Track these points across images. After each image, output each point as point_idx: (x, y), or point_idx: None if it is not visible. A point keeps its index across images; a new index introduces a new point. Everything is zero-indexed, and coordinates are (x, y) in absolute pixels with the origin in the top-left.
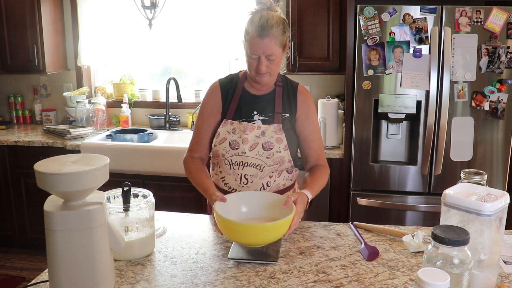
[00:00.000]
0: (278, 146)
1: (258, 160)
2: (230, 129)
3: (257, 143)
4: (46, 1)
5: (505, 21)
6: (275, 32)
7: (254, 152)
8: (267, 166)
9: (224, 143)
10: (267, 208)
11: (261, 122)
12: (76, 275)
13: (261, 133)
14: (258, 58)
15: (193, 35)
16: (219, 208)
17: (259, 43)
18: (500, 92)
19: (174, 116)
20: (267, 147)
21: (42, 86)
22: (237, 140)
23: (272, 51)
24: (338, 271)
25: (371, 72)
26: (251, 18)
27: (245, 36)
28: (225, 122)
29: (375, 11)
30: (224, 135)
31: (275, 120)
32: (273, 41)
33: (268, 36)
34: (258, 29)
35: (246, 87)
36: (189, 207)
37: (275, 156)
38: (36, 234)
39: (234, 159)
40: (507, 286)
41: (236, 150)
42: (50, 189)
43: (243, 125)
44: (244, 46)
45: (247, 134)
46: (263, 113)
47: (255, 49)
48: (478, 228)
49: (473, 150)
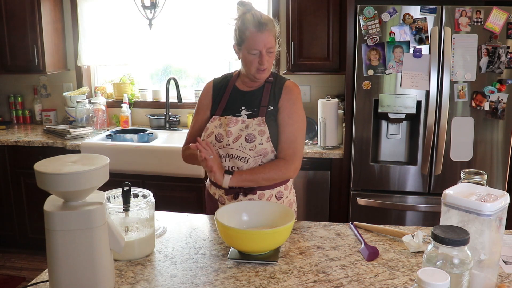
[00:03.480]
0: (261, 138)
1: (241, 152)
2: (217, 124)
3: (240, 135)
4: (46, 1)
5: (505, 21)
6: (270, 26)
7: (237, 144)
8: (251, 158)
9: (211, 137)
10: (267, 217)
11: (247, 116)
12: (76, 275)
13: (244, 127)
14: (259, 53)
15: (193, 35)
16: (220, 216)
17: (260, 37)
18: (500, 92)
19: (174, 116)
20: (249, 139)
21: (42, 86)
22: (222, 133)
23: (271, 44)
24: (338, 271)
25: (371, 72)
26: (243, 19)
27: (240, 36)
28: (214, 118)
29: (375, 11)
30: (211, 129)
31: (260, 113)
32: (271, 34)
33: (266, 30)
34: (257, 24)
35: (236, 84)
36: (189, 207)
37: (257, 148)
38: (36, 234)
39: (220, 151)
40: (507, 286)
41: (221, 142)
42: (50, 189)
43: (227, 119)
44: (237, 49)
45: (230, 127)
46: (250, 107)
47: (256, 44)
48: (478, 228)
49: (473, 150)
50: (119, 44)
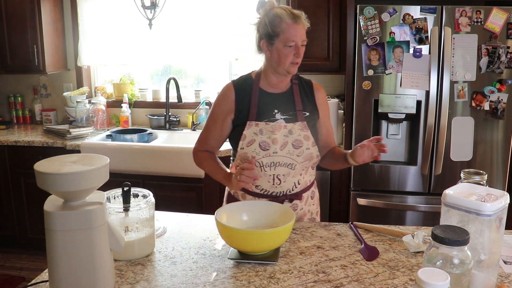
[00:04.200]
0: (307, 143)
1: (289, 158)
2: (256, 130)
3: (287, 142)
4: (46, 1)
5: (505, 21)
6: (303, 18)
7: (285, 151)
8: (298, 164)
9: (253, 145)
10: (267, 217)
11: (284, 121)
12: (76, 275)
13: (288, 132)
14: (295, 45)
15: (193, 35)
16: (220, 216)
17: (296, 29)
18: (500, 92)
19: (174, 116)
20: (296, 145)
21: (42, 86)
22: (266, 141)
23: (305, 36)
24: (338, 271)
25: (371, 72)
26: (274, 13)
27: (273, 30)
28: (249, 124)
29: (375, 11)
30: (251, 137)
31: (298, 118)
32: (304, 27)
33: (301, 21)
34: (292, 16)
35: (262, 86)
36: (189, 207)
37: (305, 153)
38: (36, 234)
39: (265, 160)
40: (507, 286)
41: (267, 151)
42: (50, 189)
43: (270, 126)
44: (268, 43)
45: (275, 134)
46: (284, 111)
47: (293, 35)
48: (478, 228)
49: (473, 150)
50: (119, 44)
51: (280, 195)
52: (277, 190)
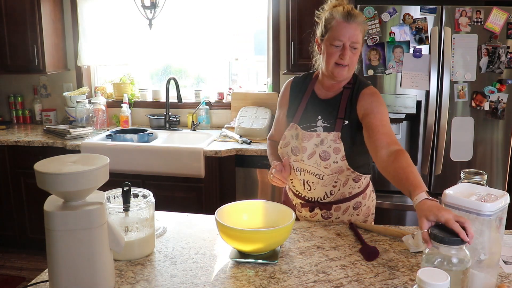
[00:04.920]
0: (335, 156)
1: (316, 169)
2: (294, 134)
3: (315, 152)
4: (46, 1)
5: (505, 21)
6: (360, 20)
7: (312, 161)
8: (326, 175)
9: (287, 147)
10: (267, 217)
11: (323, 129)
12: (76, 275)
13: (319, 142)
14: (343, 46)
15: (193, 35)
16: (220, 216)
17: (346, 28)
18: (500, 92)
19: (174, 116)
20: (324, 157)
21: (42, 86)
22: (297, 146)
23: (357, 38)
24: (338, 271)
25: (371, 72)
26: (333, 10)
27: (325, 26)
28: (292, 126)
29: (375, 11)
30: (288, 139)
31: (336, 127)
32: (359, 28)
33: (355, 21)
34: (345, 14)
35: (315, 89)
36: (189, 207)
37: (332, 166)
38: (36, 234)
39: (295, 164)
40: (507, 286)
41: (297, 156)
42: (50, 189)
43: (303, 133)
44: (320, 41)
45: (305, 143)
46: (326, 119)
47: (341, 34)
48: (478, 228)
49: (473, 150)
50: (119, 44)
51: (311, 200)
52: (308, 195)
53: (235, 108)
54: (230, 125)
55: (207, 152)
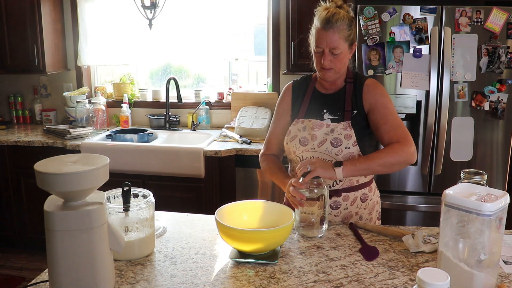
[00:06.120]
0: (347, 142)
1: (328, 155)
2: (301, 127)
3: (326, 139)
4: (46, 1)
5: (505, 21)
6: (340, 26)
7: (323, 148)
8: None
9: (294, 140)
10: (267, 217)
11: (331, 121)
12: (76, 275)
13: (330, 131)
14: (322, 51)
15: (193, 35)
16: (220, 216)
17: (323, 35)
18: (500, 92)
19: (174, 116)
20: (335, 143)
21: (42, 86)
22: (306, 137)
23: (336, 44)
24: (338, 271)
25: (371, 72)
26: (319, 13)
27: (311, 31)
28: (297, 121)
29: (375, 11)
30: (294, 133)
31: (345, 118)
32: (337, 35)
33: (332, 28)
34: (323, 21)
35: (317, 87)
36: (189, 207)
37: (344, 152)
38: (36, 234)
39: (305, 155)
40: (507, 286)
41: (306, 146)
42: (50, 189)
43: (312, 122)
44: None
45: (315, 131)
46: (332, 112)
47: (319, 41)
48: (478, 228)
49: (473, 150)
50: (119, 44)
51: None
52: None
53: (235, 108)
54: (230, 125)
55: (207, 152)
